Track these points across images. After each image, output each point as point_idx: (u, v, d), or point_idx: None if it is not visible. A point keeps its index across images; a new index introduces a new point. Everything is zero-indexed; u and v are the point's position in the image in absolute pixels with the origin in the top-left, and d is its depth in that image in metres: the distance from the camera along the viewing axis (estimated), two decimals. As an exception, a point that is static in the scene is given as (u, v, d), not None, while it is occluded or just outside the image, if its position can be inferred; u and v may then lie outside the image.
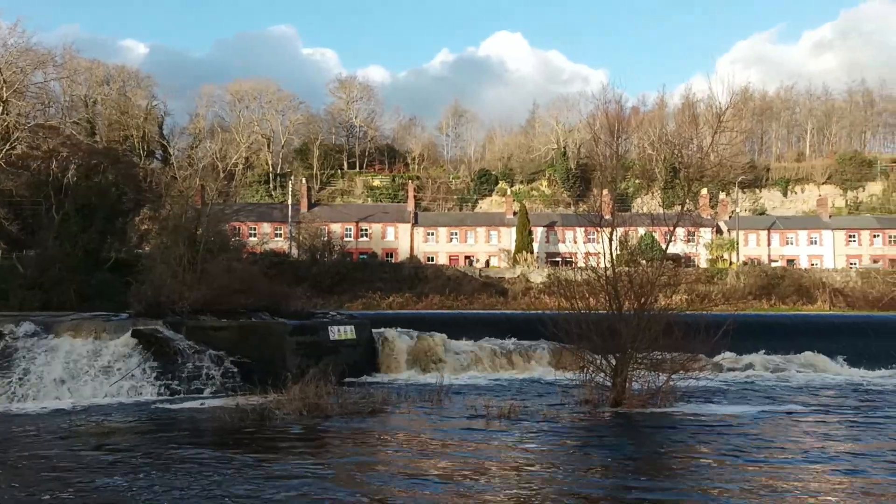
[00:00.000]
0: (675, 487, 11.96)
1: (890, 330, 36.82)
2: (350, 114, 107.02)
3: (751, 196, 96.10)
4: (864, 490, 11.70)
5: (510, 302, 54.50)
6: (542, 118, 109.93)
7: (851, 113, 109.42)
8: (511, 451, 14.45)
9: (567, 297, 21.34)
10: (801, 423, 18.23)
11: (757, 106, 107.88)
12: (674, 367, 19.39)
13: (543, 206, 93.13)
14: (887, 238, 77.38)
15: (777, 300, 55.40)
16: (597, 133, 27.21)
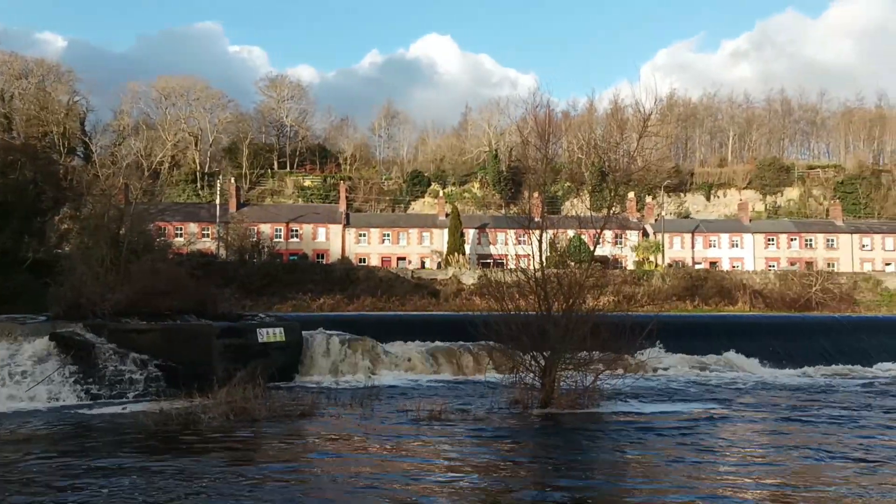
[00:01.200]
0: (602, 487, 12.18)
1: (806, 330, 38.36)
2: (281, 113, 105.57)
3: (676, 200, 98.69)
4: (783, 487, 12.14)
5: (442, 303, 54.65)
6: (475, 121, 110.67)
7: (770, 120, 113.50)
8: (441, 453, 14.47)
9: (497, 299, 21.55)
10: (722, 422, 18.80)
11: (681, 112, 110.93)
12: (601, 366, 19.74)
13: (475, 208, 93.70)
14: (804, 241, 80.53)
15: (700, 301, 57.03)
16: (527, 137, 27.52)
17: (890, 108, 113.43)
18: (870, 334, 37.64)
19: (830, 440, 16.13)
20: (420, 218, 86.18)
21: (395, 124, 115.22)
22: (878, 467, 13.39)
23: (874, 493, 11.44)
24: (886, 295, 63.69)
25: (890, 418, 19.26)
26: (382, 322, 35.77)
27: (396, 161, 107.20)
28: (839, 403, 22.30)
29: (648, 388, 25.41)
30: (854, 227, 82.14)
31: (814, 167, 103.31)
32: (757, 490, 11.74)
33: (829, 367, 32.66)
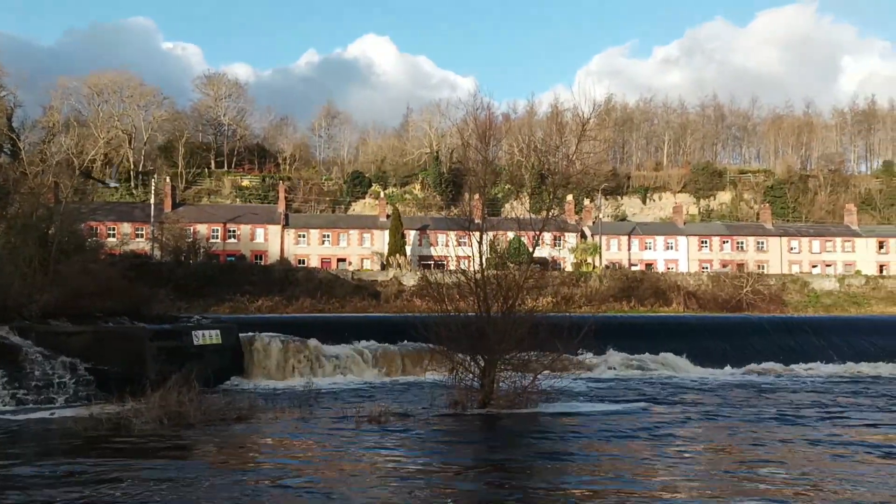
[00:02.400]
0: (540, 487, 12.29)
1: (738, 330, 39.47)
2: (218, 111, 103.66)
3: (613, 203, 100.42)
4: (716, 485, 12.45)
5: (383, 305, 54.48)
6: (416, 122, 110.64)
7: (704, 126, 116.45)
8: (380, 455, 14.42)
9: (437, 300, 21.61)
10: (657, 420, 19.19)
11: (619, 117, 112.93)
12: (539, 367, 19.94)
13: (416, 210, 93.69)
14: (735, 244, 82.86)
15: (636, 302, 58.12)
16: (468, 139, 27.64)
17: (817, 115, 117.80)
18: (798, 334, 38.96)
19: (760, 437, 16.63)
20: (361, 219, 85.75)
21: (336, 124, 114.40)
22: (814, 466, 13.85)
23: (807, 491, 11.85)
24: (813, 296, 66.02)
25: (818, 415, 19.95)
26: (322, 324, 35.47)
27: (337, 161, 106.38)
28: (771, 402, 23.01)
29: (586, 387, 25.78)
30: (783, 231, 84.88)
31: (745, 172, 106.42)
32: (691, 489, 12.02)
33: (761, 365, 33.69)
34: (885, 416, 20.01)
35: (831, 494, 11.41)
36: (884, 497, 11.28)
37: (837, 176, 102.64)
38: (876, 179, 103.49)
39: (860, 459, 14.15)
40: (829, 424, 18.42)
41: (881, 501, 11.07)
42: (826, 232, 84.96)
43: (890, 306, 63.46)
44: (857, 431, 17.39)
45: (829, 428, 17.87)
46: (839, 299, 65.54)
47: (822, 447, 15.45)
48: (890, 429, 17.80)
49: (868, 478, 12.54)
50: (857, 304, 64.37)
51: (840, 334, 39.51)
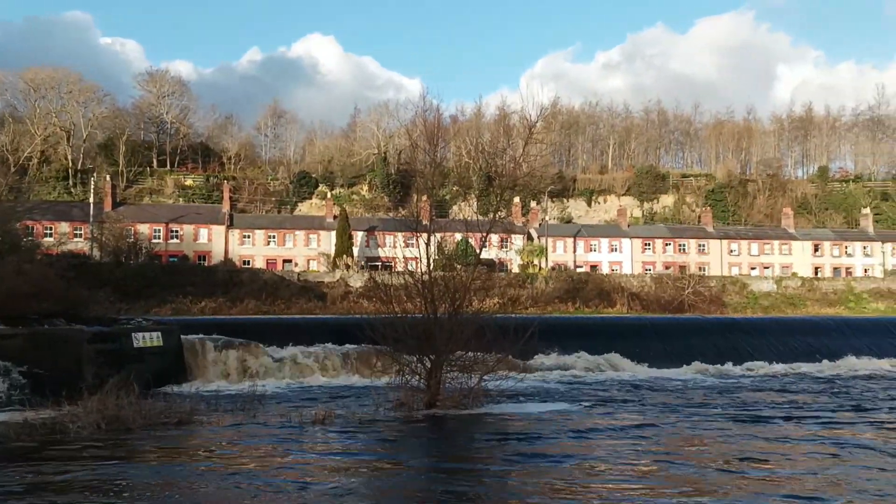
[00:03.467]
0: (485, 488, 12.32)
1: (680, 331, 40.25)
2: (161, 109, 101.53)
3: (559, 205, 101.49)
4: (658, 483, 12.65)
5: (329, 306, 54.05)
6: (363, 123, 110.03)
7: (648, 130, 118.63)
8: (325, 458, 14.27)
9: (384, 302, 21.52)
10: (600, 419, 19.43)
11: (565, 120, 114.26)
12: (485, 368, 20.02)
13: (364, 211, 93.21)
14: (677, 246, 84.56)
15: (581, 303, 58.83)
16: (416, 140, 27.62)
17: (756, 121, 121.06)
18: (738, 335, 39.91)
19: (705, 435, 16.97)
20: (307, 220, 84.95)
21: (282, 124, 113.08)
22: (755, 467, 14.17)
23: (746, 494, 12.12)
24: (752, 297, 67.73)
25: (756, 413, 20.46)
26: (267, 325, 35.02)
27: (283, 161, 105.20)
28: (711, 400, 23.52)
29: (532, 388, 25.95)
30: (723, 233, 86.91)
31: (687, 176, 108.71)
32: (635, 488, 12.19)
33: (703, 365, 34.40)
34: (828, 414, 20.60)
35: (770, 486, 11.70)
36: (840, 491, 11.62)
37: (775, 181, 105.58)
38: (812, 184, 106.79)
39: (807, 454, 14.56)
40: (764, 421, 18.89)
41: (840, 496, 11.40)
42: (764, 235, 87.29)
43: (825, 307, 65.50)
44: (801, 428, 17.89)
45: (763, 426, 18.33)
46: (776, 301, 67.37)
47: (755, 444, 15.84)
48: (833, 426, 18.34)
49: (820, 474, 12.90)
50: (794, 306, 66.28)
51: (778, 335, 40.62)
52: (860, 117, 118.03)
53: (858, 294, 69.40)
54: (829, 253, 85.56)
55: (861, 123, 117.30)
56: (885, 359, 38.31)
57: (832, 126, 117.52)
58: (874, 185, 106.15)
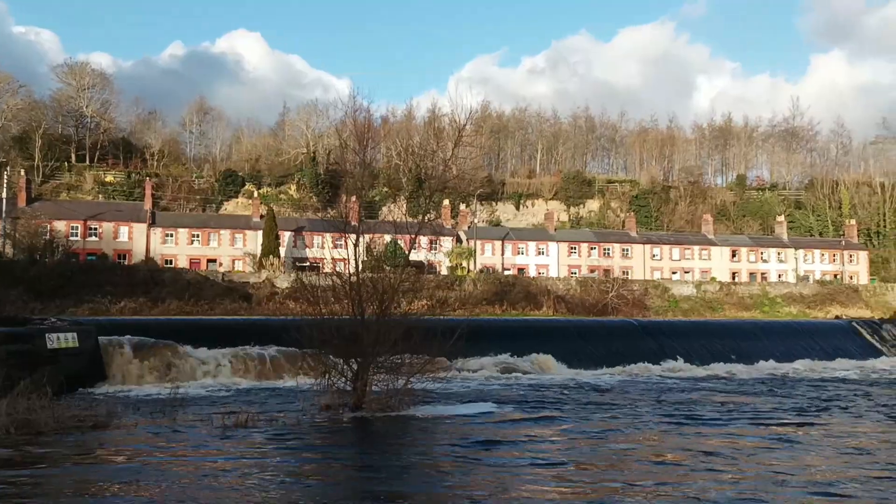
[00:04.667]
0: (411, 489, 12.30)
1: (604, 333, 41.07)
2: (80, 102, 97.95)
3: (488, 208, 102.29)
4: (580, 483, 12.85)
5: (255, 307, 53.08)
6: (292, 122, 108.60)
7: (575, 136, 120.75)
8: (246, 462, 13.99)
9: (312, 303, 21.28)
10: (527, 420, 19.66)
11: (495, 124, 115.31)
12: (412, 369, 20.00)
13: (292, 211, 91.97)
14: (602, 250, 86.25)
15: (508, 306, 59.36)
16: (346, 140, 27.44)
17: (679, 129, 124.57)
18: (660, 337, 40.99)
19: (630, 435, 17.34)
20: (233, 219, 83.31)
21: (208, 121, 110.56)
22: (673, 463, 14.54)
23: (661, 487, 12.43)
24: (673, 301, 69.57)
25: (679, 413, 21.03)
26: (190, 327, 34.16)
27: (209, 159, 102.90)
28: (634, 401, 24.05)
29: (459, 389, 26.08)
30: (646, 238, 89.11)
31: (612, 181, 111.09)
32: (558, 489, 12.35)
33: (625, 367, 35.23)
34: (745, 413, 21.30)
35: (676, 490, 12.03)
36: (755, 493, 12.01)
37: (696, 188, 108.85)
38: (730, 192, 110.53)
39: (724, 452, 15.02)
40: (684, 421, 19.44)
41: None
42: (685, 240, 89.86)
43: (741, 311, 67.82)
44: (719, 427, 18.45)
45: (683, 425, 18.86)
46: (696, 304, 69.39)
47: (674, 442, 16.28)
48: (752, 425, 18.97)
49: (736, 471, 13.31)
50: (713, 309, 68.38)
51: (698, 337, 41.93)
52: (776, 128, 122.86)
53: (773, 298, 72.12)
54: (746, 258, 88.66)
55: (777, 134, 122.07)
56: (796, 361, 40.02)
57: (750, 136, 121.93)
58: (788, 194, 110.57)
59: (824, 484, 12.43)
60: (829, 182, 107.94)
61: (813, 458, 14.81)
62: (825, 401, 24.70)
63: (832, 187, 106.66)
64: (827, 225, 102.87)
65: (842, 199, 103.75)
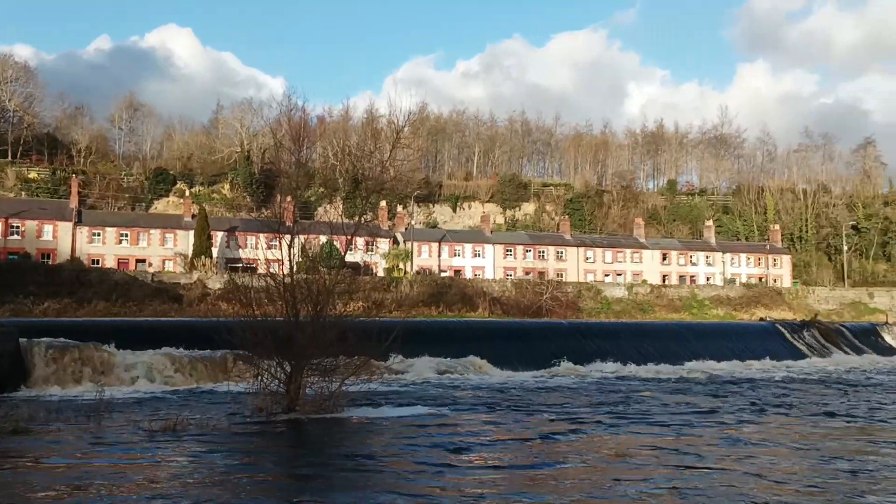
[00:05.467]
0: (341, 492, 12.19)
1: (538, 335, 41.51)
2: (2, 95, 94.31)
3: (425, 210, 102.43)
4: (512, 483, 12.94)
5: (186, 309, 51.91)
6: (226, 120, 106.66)
7: (511, 139, 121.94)
8: (176, 467, 13.65)
9: (244, 304, 20.93)
10: (461, 421, 19.71)
11: (432, 126, 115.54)
12: (347, 371, 19.85)
13: (225, 210, 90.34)
14: (537, 253, 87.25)
15: (445, 307, 59.48)
16: (281, 140, 27.10)
17: (612, 134, 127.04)
18: (592, 338, 41.67)
19: (554, 436, 17.55)
20: (164, 218, 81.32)
21: (139, 117, 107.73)
22: (607, 462, 14.77)
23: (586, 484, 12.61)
24: (605, 303, 70.80)
25: (602, 414, 21.40)
26: (117, 328, 33.16)
27: (138, 157, 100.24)
28: (566, 401, 24.37)
29: (393, 391, 26.01)
30: (580, 241, 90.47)
31: (548, 185, 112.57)
32: (490, 491, 12.42)
33: (558, 368, 35.67)
34: (673, 413, 21.79)
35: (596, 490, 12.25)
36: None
37: (628, 192, 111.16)
38: (661, 196, 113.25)
39: (654, 449, 15.33)
40: (619, 422, 19.79)
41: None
42: (617, 244, 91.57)
43: (671, 312, 69.47)
44: (649, 426, 18.84)
45: (617, 426, 19.20)
46: (628, 306, 70.78)
47: (607, 441, 16.57)
48: (676, 425, 19.41)
49: (662, 470, 13.59)
50: (644, 311, 69.87)
51: (629, 339, 42.78)
52: (705, 135, 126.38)
53: (701, 301, 74.09)
54: (676, 262, 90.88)
55: (706, 141, 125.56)
56: (724, 361, 41.20)
57: (680, 142, 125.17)
58: (717, 199, 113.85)
59: (756, 478, 12.80)
60: (755, 188, 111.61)
61: (742, 453, 15.25)
62: (751, 401, 25.48)
63: (758, 193, 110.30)
64: (753, 229, 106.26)
65: (767, 205, 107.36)
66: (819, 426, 19.60)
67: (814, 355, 47.60)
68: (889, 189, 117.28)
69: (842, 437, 17.83)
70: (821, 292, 79.43)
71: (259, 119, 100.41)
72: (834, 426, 19.61)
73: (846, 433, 18.47)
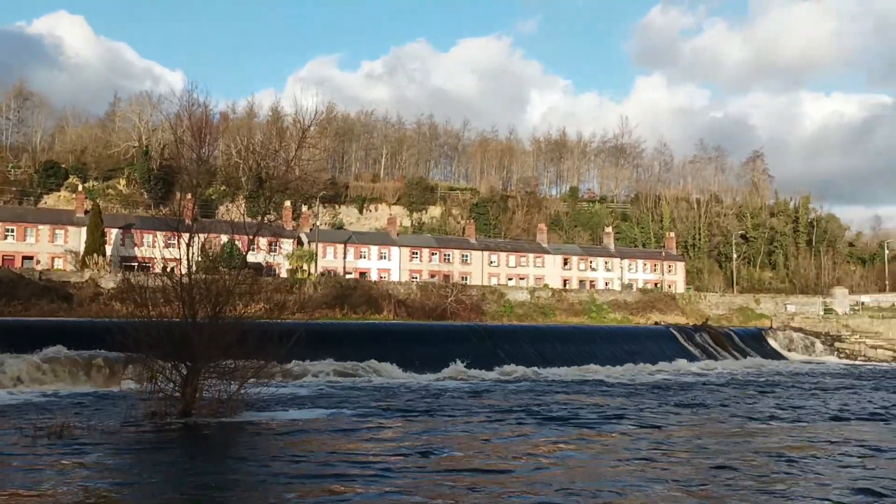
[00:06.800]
0: (236, 498, 11.92)
1: (439, 337, 41.76)
2: None
3: (331, 211, 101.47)
4: (418, 485, 12.95)
5: (76, 309, 49.64)
6: (124, 113, 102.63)
7: (419, 143, 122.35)
8: (58, 476, 13.00)
9: (139, 305, 20.19)
10: (361, 425, 19.60)
11: (340, 127, 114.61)
12: (246, 374, 19.42)
13: (121, 207, 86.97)
14: (443, 256, 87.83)
15: (349, 310, 59.04)
16: (181, 135, 26.32)
17: (517, 141, 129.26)
18: (496, 341, 42.21)
19: (454, 439, 17.68)
20: (54, 213, 77.53)
21: (28, 107, 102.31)
22: (502, 466, 14.95)
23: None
24: (508, 306, 71.89)
25: (501, 416, 21.71)
26: (0, 329, 31.40)
27: (27, 148, 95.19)
28: (466, 404, 24.58)
29: (294, 394, 25.64)
30: (485, 245, 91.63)
31: (454, 189, 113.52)
32: (387, 494, 12.40)
33: (460, 370, 35.94)
34: (573, 416, 22.30)
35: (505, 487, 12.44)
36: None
37: (532, 198, 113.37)
38: (564, 203, 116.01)
39: (553, 454, 15.63)
40: (518, 424, 20.12)
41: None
42: (521, 248, 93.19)
43: (571, 316, 71.11)
44: (544, 428, 19.21)
45: (515, 429, 19.51)
46: (530, 310, 72.06)
47: (500, 445, 16.82)
48: (580, 427, 19.88)
49: (553, 472, 13.87)
50: (545, 315, 71.27)
51: (530, 342, 43.56)
52: (606, 144, 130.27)
53: (600, 305, 76.16)
54: (577, 267, 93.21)
55: (607, 150, 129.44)
56: (617, 366, 42.47)
57: (583, 151, 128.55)
58: (616, 207, 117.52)
59: (644, 480, 13.24)
60: (653, 197, 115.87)
61: (635, 454, 15.75)
62: (646, 403, 26.38)
63: (655, 202, 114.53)
64: (650, 237, 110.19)
65: (663, 213, 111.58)
66: (707, 426, 20.48)
67: (705, 358, 49.69)
68: (775, 200, 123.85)
69: (731, 436, 18.68)
70: (712, 298, 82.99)
71: (158, 113, 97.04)
72: (725, 426, 20.53)
73: (736, 433, 19.36)
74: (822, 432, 19.48)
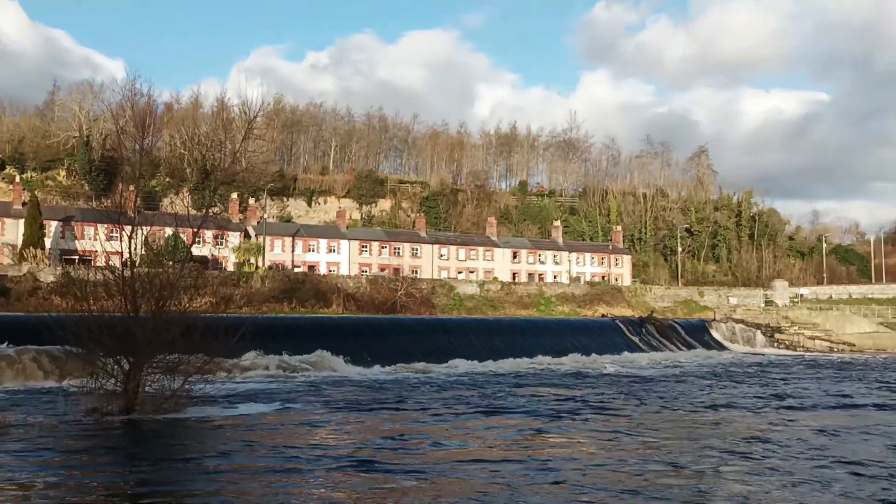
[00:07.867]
0: (175, 496, 11.71)
1: (389, 331, 41.67)
2: None
3: (279, 204, 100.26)
4: (356, 481, 12.89)
5: (13, 303, 48.22)
6: (63, 102, 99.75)
7: (369, 135, 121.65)
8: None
9: (80, 299, 19.68)
10: (308, 419, 19.44)
11: (288, 118, 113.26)
12: (190, 369, 19.09)
13: (60, 199, 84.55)
14: (393, 249, 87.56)
15: (298, 304, 58.49)
16: (123, 126, 25.72)
17: (467, 135, 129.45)
18: (445, 335, 42.31)
19: (399, 432, 17.67)
20: (-11, 205, 75.06)
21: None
22: (453, 457, 14.98)
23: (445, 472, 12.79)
24: (458, 300, 72.08)
25: (449, 408, 21.78)
26: (-69, 324, 30.30)
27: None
28: (415, 398, 24.59)
29: (240, 389, 25.30)
30: (435, 239, 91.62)
31: (404, 182, 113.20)
32: (334, 491, 12.32)
33: (410, 364, 35.92)
34: (519, 408, 22.46)
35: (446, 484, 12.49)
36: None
37: (482, 192, 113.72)
38: (513, 196, 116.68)
39: (500, 446, 15.72)
40: (459, 416, 20.19)
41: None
42: (471, 242, 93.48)
43: (520, 309, 71.65)
44: (494, 420, 19.32)
45: (455, 420, 19.58)
46: (479, 303, 72.36)
47: (452, 435, 16.87)
48: (528, 417, 20.02)
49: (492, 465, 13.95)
50: (494, 308, 71.66)
51: (479, 335, 43.78)
52: (555, 139, 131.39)
53: (548, 298, 76.89)
54: (526, 260, 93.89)
55: (556, 144, 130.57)
56: (568, 355, 43.01)
57: (532, 145, 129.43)
58: (564, 201, 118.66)
59: (584, 467, 13.42)
60: (600, 191, 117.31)
61: (575, 444, 15.96)
62: (595, 394, 26.75)
63: (602, 196, 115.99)
64: (597, 230, 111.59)
65: (610, 207, 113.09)
66: (657, 416, 20.85)
67: (650, 350, 50.63)
68: (719, 195, 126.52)
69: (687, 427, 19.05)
70: (657, 290, 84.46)
71: (100, 103, 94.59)
72: (666, 414, 20.93)
73: (676, 419, 19.74)
74: (774, 418, 20.04)
